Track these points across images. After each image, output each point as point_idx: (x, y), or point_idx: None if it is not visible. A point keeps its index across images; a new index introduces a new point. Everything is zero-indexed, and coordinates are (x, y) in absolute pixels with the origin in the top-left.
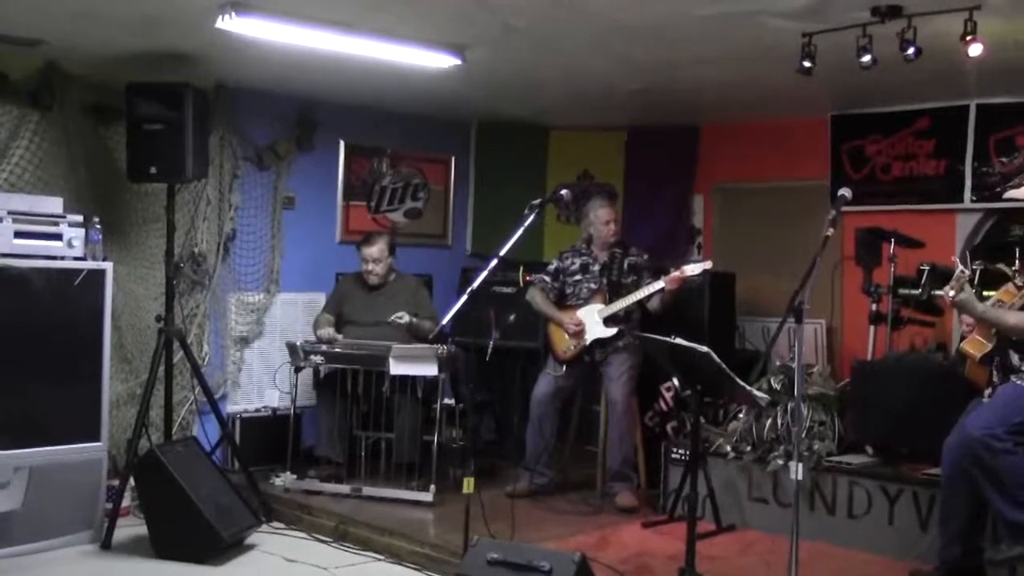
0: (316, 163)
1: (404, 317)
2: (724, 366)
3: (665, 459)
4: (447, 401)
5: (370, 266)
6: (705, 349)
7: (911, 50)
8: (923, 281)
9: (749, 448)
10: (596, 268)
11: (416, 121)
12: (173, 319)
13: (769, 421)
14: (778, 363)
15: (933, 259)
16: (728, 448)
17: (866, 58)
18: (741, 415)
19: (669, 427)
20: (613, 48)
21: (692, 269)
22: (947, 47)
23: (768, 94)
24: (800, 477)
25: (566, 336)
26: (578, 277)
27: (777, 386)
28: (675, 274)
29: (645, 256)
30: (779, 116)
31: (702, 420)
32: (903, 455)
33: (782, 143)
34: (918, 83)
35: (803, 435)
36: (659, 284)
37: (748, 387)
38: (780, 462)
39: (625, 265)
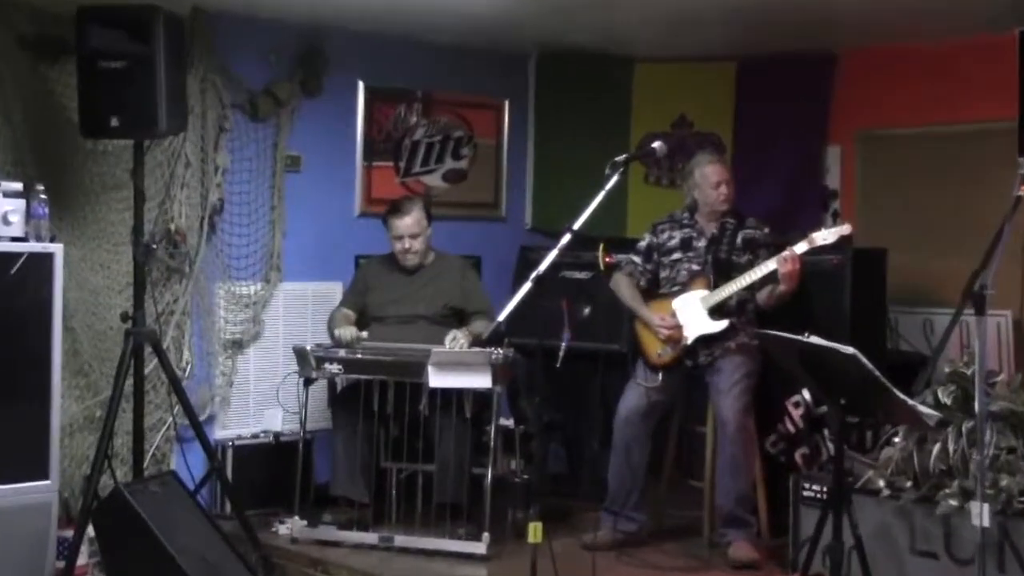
0: (327, 112)
1: (459, 338)
2: (877, 373)
3: (795, 498)
4: (504, 422)
5: (405, 243)
6: (851, 350)
7: None
8: None
9: (910, 484)
10: (701, 244)
11: (457, 54)
12: (143, 318)
13: (937, 447)
14: (947, 369)
15: None
16: (881, 484)
17: None
18: (897, 439)
19: (799, 455)
20: None
21: (823, 237)
22: None
23: (932, 5)
24: (985, 523)
25: (660, 336)
26: (677, 256)
27: (947, 400)
28: (791, 251)
29: (766, 229)
30: (946, 36)
31: (845, 446)
32: None
33: (951, 73)
34: None
35: (987, 466)
36: (771, 264)
37: (910, 401)
38: (954, 503)
39: (739, 240)
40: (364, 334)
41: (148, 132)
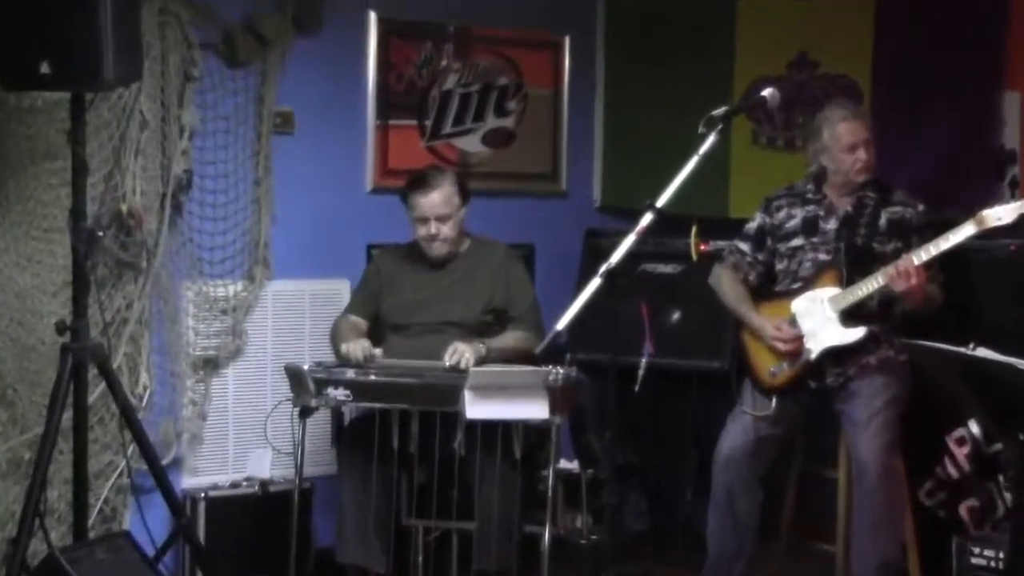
0: (329, 54)
1: (461, 351)
2: None
3: (959, 567)
4: (565, 465)
5: (432, 227)
6: None
7: None
8: None
9: None
10: (831, 226)
11: None
12: (86, 329)
13: None
14: None
15: None
16: None
17: None
18: None
19: (964, 509)
20: None
21: (996, 215)
22: None
23: None
24: None
25: (774, 350)
26: (798, 241)
27: None
28: (906, 261)
29: (920, 206)
30: None
31: None
32: None
33: None
34: None
35: None
36: (879, 279)
37: None
38: None
39: (882, 221)
40: (379, 351)
41: (90, 82)
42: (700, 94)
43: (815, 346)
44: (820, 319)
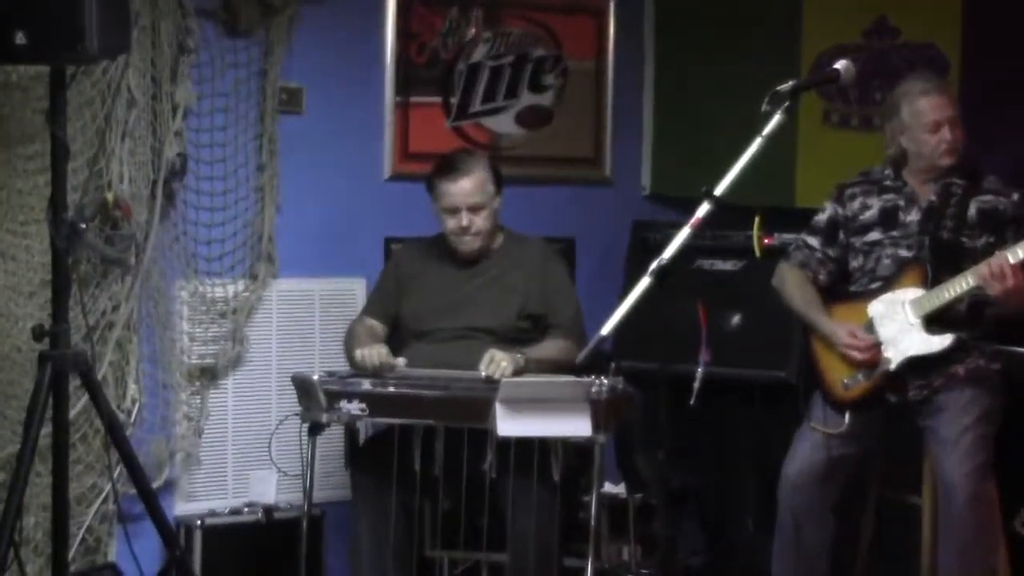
0: (342, 22)
1: (499, 361)
2: None
3: None
4: (611, 489)
5: (463, 219)
6: None
7: None
8: None
9: None
10: (913, 218)
11: None
12: (67, 334)
13: None
14: None
15: None
16: None
17: None
18: None
19: None
20: None
21: None
22: None
23: None
24: None
25: (848, 359)
26: (876, 235)
27: None
28: (1001, 259)
29: (1015, 195)
30: None
31: None
32: None
33: None
34: None
35: None
36: (969, 280)
37: None
38: None
39: (971, 212)
40: (401, 360)
41: (71, 54)
42: (763, 67)
43: (895, 355)
44: (901, 324)
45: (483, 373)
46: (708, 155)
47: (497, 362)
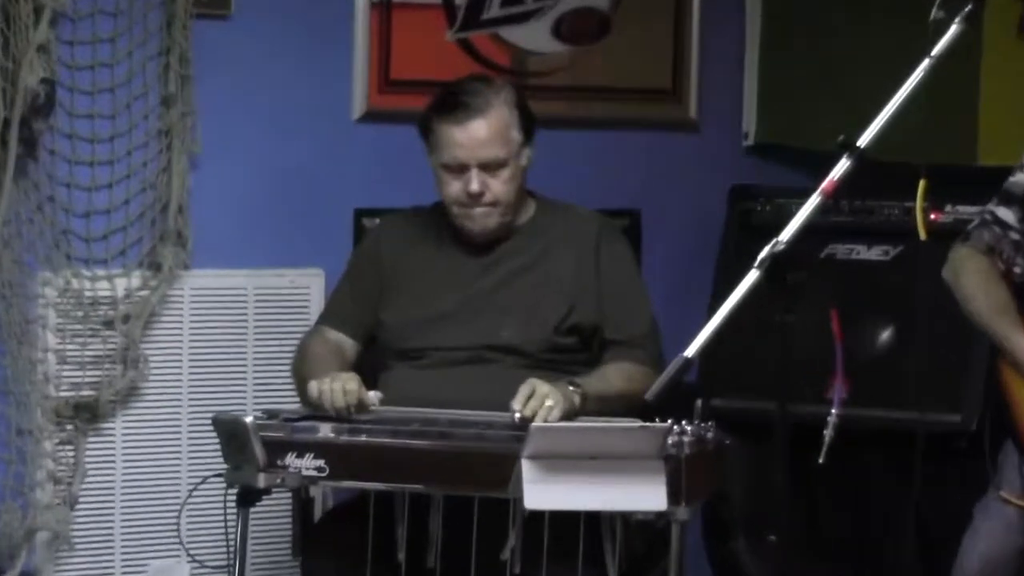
0: None
1: (548, 401)
2: None
3: None
4: None
5: (473, 182)
6: None
7: None
8: None
9: None
10: None
11: None
12: None
13: None
14: None
15: None
16: None
17: None
18: None
19: None
20: None
21: None
22: None
23: None
24: None
25: None
26: None
27: None
28: None
29: None
30: None
31: None
32: None
33: None
34: None
35: None
36: None
37: None
38: None
39: None
40: (375, 395)
41: None
42: None
43: None
44: None
45: (517, 414)
46: (842, 90)
47: (541, 398)
